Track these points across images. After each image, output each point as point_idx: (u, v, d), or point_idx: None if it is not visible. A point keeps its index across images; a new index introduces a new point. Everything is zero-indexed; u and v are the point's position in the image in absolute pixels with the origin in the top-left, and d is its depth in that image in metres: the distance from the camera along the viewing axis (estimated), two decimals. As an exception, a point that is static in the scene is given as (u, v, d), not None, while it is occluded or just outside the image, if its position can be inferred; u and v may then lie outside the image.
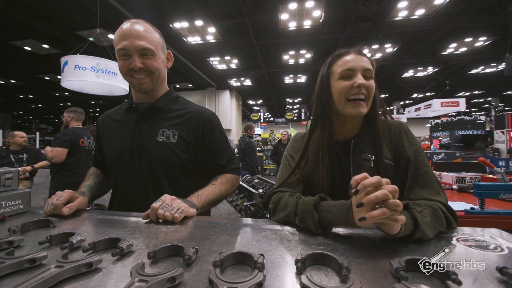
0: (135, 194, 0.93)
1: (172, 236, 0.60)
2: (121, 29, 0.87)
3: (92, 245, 0.50)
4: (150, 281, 0.36)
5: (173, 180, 0.95)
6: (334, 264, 0.43)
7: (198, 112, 1.01)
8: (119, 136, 0.98)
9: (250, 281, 0.36)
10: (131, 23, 0.87)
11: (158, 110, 0.99)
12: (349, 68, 0.75)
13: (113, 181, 0.99)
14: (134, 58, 0.87)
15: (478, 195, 1.04)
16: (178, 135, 0.95)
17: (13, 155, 3.03)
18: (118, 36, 0.87)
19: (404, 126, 0.81)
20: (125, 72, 0.90)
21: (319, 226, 0.61)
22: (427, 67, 10.96)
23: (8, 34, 7.34)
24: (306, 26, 7.40)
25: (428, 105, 11.12)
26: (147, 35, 0.88)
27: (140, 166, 0.93)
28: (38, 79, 11.68)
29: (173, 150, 0.93)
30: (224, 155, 1.02)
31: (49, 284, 0.38)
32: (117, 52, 0.88)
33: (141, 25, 0.88)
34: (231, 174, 1.01)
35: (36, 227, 0.65)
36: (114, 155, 0.97)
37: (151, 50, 0.88)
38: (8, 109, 18.98)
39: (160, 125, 0.96)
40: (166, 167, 0.93)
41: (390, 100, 16.82)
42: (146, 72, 0.90)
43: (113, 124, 1.03)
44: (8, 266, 0.42)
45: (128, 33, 0.86)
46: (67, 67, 5.22)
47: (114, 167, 0.98)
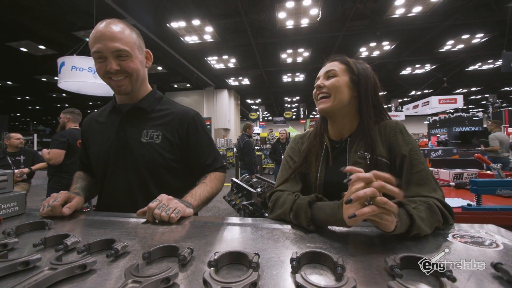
0: (121, 195, 0.93)
1: (168, 236, 0.60)
2: (95, 31, 0.83)
3: (86, 247, 0.49)
4: (144, 282, 0.36)
5: (159, 180, 0.95)
6: (329, 263, 0.42)
7: (182, 112, 1.00)
8: (103, 138, 0.97)
9: (245, 281, 0.36)
10: (106, 24, 0.84)
11: (141, 111, 0.98)
12: (317, 77, 0.89)
13: (99, 183, 0.99)
14: (109, 61, 0.84)
15: (475, 192, 1.04)
16: (162, 135, 0.95)
17: (10, 157, 3.01)
18: (92, 39, 0.83)
19: (400, 125, 0.83)
20: (102, 74, 0.87)
21: (311, 223, 0.62)
22: (425, 64, 10.99)
23: (4, 35, 7.29)
24: (303, 24, 7.40)
25: (426, 103, 11.15)
26: (122, 36, 0.84)
27: (126, 167, 0.93)
28: (35, 81, 11.62)
29: (157, 150, 0.93)
30: (209, 155, 1.02)
31: (42, 286, 0.37)
32: (93, 55, 0.85)
33: (115, 25, 0.85)
34: (219, 172, 1.03)
35: (31, 229, 0.64)
36: (100, 157, 0.97)
37: (126, 51, 0.85)
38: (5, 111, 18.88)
39: (144, 126, 0.95)
40: (151, 167, 0.93)
41: (388, 97, 16.86)
42: (124, 74, 0.88)
43: (97, 126, 1.02)
44: (1, 269, 0.41)
45: (102, 35, 0.82)
46: (64, 68, 5.19)
47: (100, 169, 0.97)
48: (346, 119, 0.87)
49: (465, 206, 1.08)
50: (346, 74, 0.84)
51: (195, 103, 14.16)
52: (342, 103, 0.84)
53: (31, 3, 5.74)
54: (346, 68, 0.85)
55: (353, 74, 0.84)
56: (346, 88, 0.83)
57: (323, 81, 0.85)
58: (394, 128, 0.81)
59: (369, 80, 0.84)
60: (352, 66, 0.85)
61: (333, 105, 0.84)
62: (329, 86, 0.83)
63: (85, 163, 1.10)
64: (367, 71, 0.86)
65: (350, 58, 0.89)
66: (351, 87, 0.84)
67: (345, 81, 0.83)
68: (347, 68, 0.85)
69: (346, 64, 0.85)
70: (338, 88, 0.83)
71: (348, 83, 0.84)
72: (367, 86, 0.83)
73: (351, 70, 0.84)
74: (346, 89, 0.83)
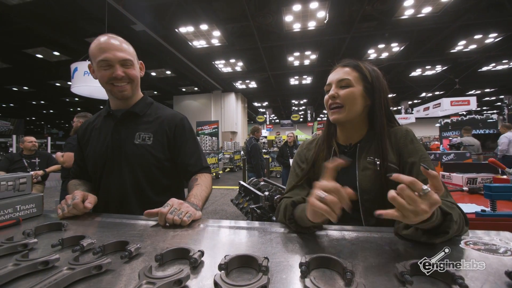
0: (117, 192, 0.98)
1: (179, 239, 0.61)
2: (99, 43, 0.94)
3: (101, 248, 0.51)
4: (157, 283, 0.37)
5: (151, 178, 1.01)
6: (338, 268, 0.43)
7: (170, 116, 1.09)
8: (99, 141, 1.04)
9: (255, 284, 0.37)
10: (109, 37, 0.95)
11: (134, 115, 1.05)
12: (328, 83, 0.86)
13: (97, 182, 1.04)
14: (116, 68, 0.94)
15: (489, 197, 1.02)
16: (154, 137, 1.02)
17: (26, 159, 3.12)
18: (98, 49, 0.93)
19: (410, 133, 0.82)
20: (105, 81, 0.96)
21: (292, 220, 0.66)
22: (436, 65, 10.77)
23: (21, 43, 7.60)
24: (310, 27, 7.40)
25: (437, 104, 10.91)
26: (126, 47, 0.98)
27: (120, 168, 0.99)
28: (50, 86, 12.02)
29: (149, 151, 1.01)
30: (193, 155, 1.08)
31: (61, 285, 0.39)
32: (98, 63, 0.94)
33: (118, 39, 0.97)
34: (207, 174, 1.08)
35: (48, 230, 0.67)
36: (97, 158, 1.02)
37: (130, 60, 0.98)
38: (21, 115, 19.59)
39: (137, 129, 1.03)
40: (144, 166, 1.00)
41: (398, 99, 16.58)
42: (127, 80, 0.98)
43: (93, 132, 1.09)
44: (23, 268, 0.44)
45: (110, 45, 0.94)
46: (77, 73, 5.36)
47: (97, 169, 1.03)
48: (356, 126, 0.87)
49: (479, 212, 1.05)
50: (360, 83, 0.82)
51: (202, 106, 14.32)
52: (355, 113, 0.83)
53: (46, 11, 5.96)
54: (359, 76, 0.82)
55: (367, 82, 0.82)
56: (360, 98, 0.82)
57: (336, 91, 0.83)
58: (405, 136, 0.80)
59: (382, 89, 0.82)
60: (366, 74, 0.82)
61: (347, 116, 0.83)
62: (343, 97, 0.81)
63: (81, 165, 1.12)
64: (380, 78, 0.84)
65: (361, 61, 0.86)
66: (364, 96, 0.82)
67: (359, 91, 0.81)
68: (360, 76, 0.82)
69: (359, 71, 0.82)
70: (353, 100, 0.81)
71: (362, 92, 0.82)
72: (381, 94, 0.82)
73: (364, 78, 0.82)
74: (361, 99, 0.82)
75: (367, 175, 0.79)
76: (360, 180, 0.79)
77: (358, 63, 0.85)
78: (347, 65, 0.85)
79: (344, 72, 0.83)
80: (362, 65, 0.84)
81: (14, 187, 0.79)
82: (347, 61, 0.86)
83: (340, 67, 0.86)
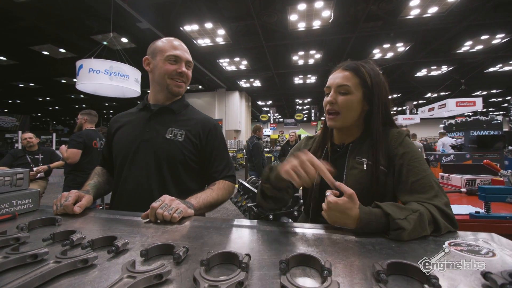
0: (139, 185, 0.98)
1: (168, 235, 0.63)
2: (171, 41, 1.06)
3: (90, 243, 0.53)
4: (138, 277, 0.39)
5: (175, 175, 1.01)
6: (317, 265, 0.43)
7: (205, 119, 1.13)
8: (130, 132, 1.06)
9: (232, 280, 0.37)
10: (177, 40, 1.08)
11: (170, 111, 1.09)
12: (327, 85, 0.85)
13: (118, 171, 1.05)
14: (182, 65, 1.05)
15: (483, 199, 1.01)
16: (185, 135, 1.04)
17: (29, 155, 3.18)
18: (170, 46, 1.04)
19: (402, 135, 0.81)
20: (170, 73, 1.03)
21: (267, 182, 0.76)
22: (441, 66, 10.64)
23: (28, 40, 7.69)
24: (315, 26, 7.36)
25: (443, 105, 10.78)
26: (189, 53, 1.11)
27: (146, 159, 1.00)
28: (55, 82, 12.16)
29: (179, 147, 1.02)
30: (222, 162, 1.10)
31: (46, 278, 0.41)
32: (167, 57, 1.02)
33: (184, 44, 1.09)
34: (228, 182, 1.08)
35: (42, 225, 0.69)
36: (122, 149, 1.04)
37: (192, 64, 1.11)
38: (28, 111, 19.86)
39: (170, 124, 1.05)
40: (170, 162, 1.00)
41: (403, 100, 16.42)
42: (185, 79, 1.08)
43: (126, 122, 1.12)
44: (12, 261, 0.45)
45: (180, 46, 1.06)
46: (82, 70, 5.42)
47: (120, 159, 1.04)
48: (352, 129, 0.87)
49: (473, 214, 1.05)
50: (359, 90, 0.81)
51: (206, 104, 14.35)
52: (352, 120, 0.83)
53: (52, 9, 6.03)
54: (359, 83, 0.80)
55: (367, 88, 0.80)
56: (358, 106, 0.81)
57: (335, 97, 0.82)
58: (396, 138, 0.80)
59: (381, 94, 0.81)
60: (367, 79, 0.80)
61: (343, 124, 0.83)
62: (340, 105, 0.81)
63: (106, 157, 1.18)
64: (380, 83, 0.81)
65: (362, 65, 0.83)
66: (363, 102, 0.82)
67: (357, 98, 0.81)
68: (360, 82, 0.80)
69: (360, 77, 0.80)
70: (350, 108, 0.81)
71: (360, 99, 0.81)
72: (380, 100, 0.80)
73: (364, 84, 0.80)
74: (358, 106, 0.81)
75: (353, 174, 0.80)
76: (347, 179, 0.80)
77: (360, 66, 0.82)
78: (348, 68, 0.82)
79: (344, 77, 0.81)
80: (364, 69, 0.81)
81: (11, 182, 0.81)
82: (348, 63, 0.84)
83: (341, 70, 0.83)
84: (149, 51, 1.09)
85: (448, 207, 0.67)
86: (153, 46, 1.08)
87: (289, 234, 0.64)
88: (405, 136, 0.81)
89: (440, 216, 0.63)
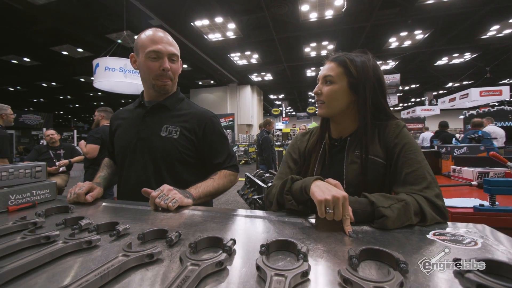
0: (138, 182, 1.01)
1: (166, 222, 0.68)
2: (151, 34, 0.98)
3: (96, 227, 0.58)
4: (131, 256, 0.43)
5: (173, 172, 1.03)
6: (295, 250, 0.46)
7: (200, 113, 1.09)
8: (127, 131, 1.09)
9: (213, 259, 0.41)
10: (159, 31, 1.00)
11: (163, 108, 1.08)
12: (318, 77, 0.89)
13: (120, 170, 1.11)
14: (164, 60, 0.98)
15: (488, 191, 0.98)
16: (180, 132, 1.03)
17: (52, 151, 3.40)
18: (149, 40, 0.97)
19: (400, 125, 0.81)
20: (152, 73, 0.99)
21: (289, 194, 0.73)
22: (464, 53, 10.04)
23: (49, 41, 8.07)
24: (328, 16, 7.16)
25: (465, 95, 10.23)
26: (174, 43, 1.03)
27: (144, 158, 1.03)
28: (75, 81, 12.71)
29: (174, 144, 1.02)
30: (222, 154, 1.09)
31: (55, 255, 0.47)
32: (147, 54, 0.96)
33: (167, 34, 1.01)
34: (229, 171, 1.08)
35: (57, 212, 0.76)
36: (122, 147, 1.09)
37: (177, 56, 1.03)
38: (51, 109, 20.94)
39: (164, 122, 1.05)
40: (167, 159, 1.02)
41: (421, 90, 15.71)
42: (171, 75, 1.03)
43: (123, 120, 1.14)
44: (28, 241, 0.52)
45: (161, 38, 0.98)
46: (98, 68, 5.64)
47: (120, 158, 1.09)
48: (347, 120, 0.87)
49: (477, 207, 1.02)
50: (343, 79, 0.82)
51: (218, 99, 14.47)
52: (338, 110, 0.84)
53: (70, 10, 6.28)
54: (343, 71, 0.82)
55: (352, 77, 0.81)
56: (342, 95, 0.82)
57: (321, 87, 0.86)
58: (394, 130, 0.80)
59: (368, 83, 0.81)
60: (351, 68, 0.81)
61: (328, 113, 0.86)
62: (325, 94, 0.84)
63: (110, 151, 1.24)
64: (367, 71, 0.81)
65: (350, 55, 0.84)
66: (349, 92, 0.82)
67: (341, 88, 0.82)
68: (345, 71, 0.82)
69: (344, 66, 0.82)
70: (333, 97, 0.83)
71: (345, 88, 0.82)
72: (366, 90, 0.80)
73: (349, 73, 0.81)
74: (343, 95, 0.83)
75: (353, 169, 0.80)
76: (347, 173, 0.81)
77: (344, 56, 0.84)
78: (334, 59, 0.85)
79: (329, 67, 0.84)
80: (348, 59, 0.83)
81: (31, 174, 0.90)
82: (335, 55, 0.86)
83: (328, 62, 0.86)
84: (134, 47, 1.04)
85: (439, 199, 0.67)
86: (136, 41, 1.02)
87: (277, 222, 0.67)
88: (402, 127, 0.81)
89: (428, 207, 0.63)
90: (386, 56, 10.17)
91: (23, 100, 17.83)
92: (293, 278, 0.36)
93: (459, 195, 1.41)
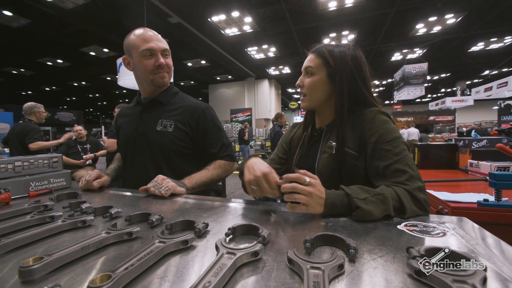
0: (140, 175, 1.09)
1: (159, 207, 0.74)
2: (141, 34, 1.05)
3: (93, 210, 0.66)
4: (112, 233, 0.50)
5: (171, 164, 1.09)
6: (255, 233, 0.50)
7: (193, 106, 1.14)
8: (128, 127, 1.18)
9: (179, 238, 0.46)
10: (148, 30, 1.06)
11: (158, 103, 1.14)
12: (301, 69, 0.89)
13: (124, 164, 1.21)
14: (159, 57, 1.04)
15: (494, 186, 0.93)
16: (174, 125, 1.08)
17: (79, 145, 3.72)
18: (141, 40, 1.03)
19: (373, 112, 0.78)
20: (149, 69, 1.05)
21: None
22: (504, 37, 9.12)
23: (78, 42, 8.62)
24: (348, 4, 6.86)
25: (504, 83, 9.36)
26: (163, 40, 1.09)
27: (143, 152, 1.10)
28: (102, 80, 13.50)
29: (169, 138, 1.07)
30: (216, 144, 1.12)
31: (54, 231, 0.54)
32: (141, 53, 1.03)
33: (154, 31, 1.07)
34: (224, 160, 1.12)
35: (67, 197, 0.86)
36: (124, 143, 1.18)
37: (169, 50, 1.10)
38: (81, 107, 22.49)
39: (160, 116, 1.11)
40: (164, 152, 1.08)
41: (453, 80, 14.59)
42: (167, 69, 1.10)
43: (124, 117, 1.24)
44: (36, 219, 0.60)
45: (151, 37, 1.05)
46: (122, 67, 5.93)
47: (123, 153, 1.19)
48: (327, 111, 0.88)
49: (481, 202, 0.97)
50: (323, 70, 0.82)
51: (236, 94, 14.58)
52: (319, 101, 0.85)
53: (95, 12, 6.65)
54: (322, 62, 0.82)
55: (330, 67, 0.81)
56: (322, 86, 0.83)
57: (302, 79, 0.87)
58: (368, 118, 0.77)
59: (345, 73, 0.80)
60: (329, 59, 0.81)
61: (310, 105, 0.87)
62: (306, 86, 0.85)
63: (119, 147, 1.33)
64: (346, 60, 0.80)
65: (331, 45, 0.84)
66: (328, 83, 0.83)
67: (321, 79, 0.83)
68: (323, 61, 0.82)
69: (322, 57, 0.82)
70: (314, 88, 0.84)
71: (325, 79, 0.82)
72: (342, 80, 0.80)
73: (327, 63, 0.81)
74: (323, 86, 0.83)
75: (324, 158, 0.81)
76: (318, 163, 0.82)
77: (323, 48, 0.83)
78: (314, 51, 0.86)
79: (309, 59, 0.85)
80: (326, 49, 0.83)
81: (49, 164, 1.01)
82: (314, 47, 0.87)
83: (309, 54, 0.87)
84: (125, 49, 1.09)
85: (420, 192, 0.65)
86: (126, 42, 1.07)
87: (258, 210, 0.70)
88: (375, 115, 0.77)
89: (407, 200, 0.62)
90: (413, 44, 9.55)
91: (58, 99, 19.33)
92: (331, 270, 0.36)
93: (473, 190, 1.34)
